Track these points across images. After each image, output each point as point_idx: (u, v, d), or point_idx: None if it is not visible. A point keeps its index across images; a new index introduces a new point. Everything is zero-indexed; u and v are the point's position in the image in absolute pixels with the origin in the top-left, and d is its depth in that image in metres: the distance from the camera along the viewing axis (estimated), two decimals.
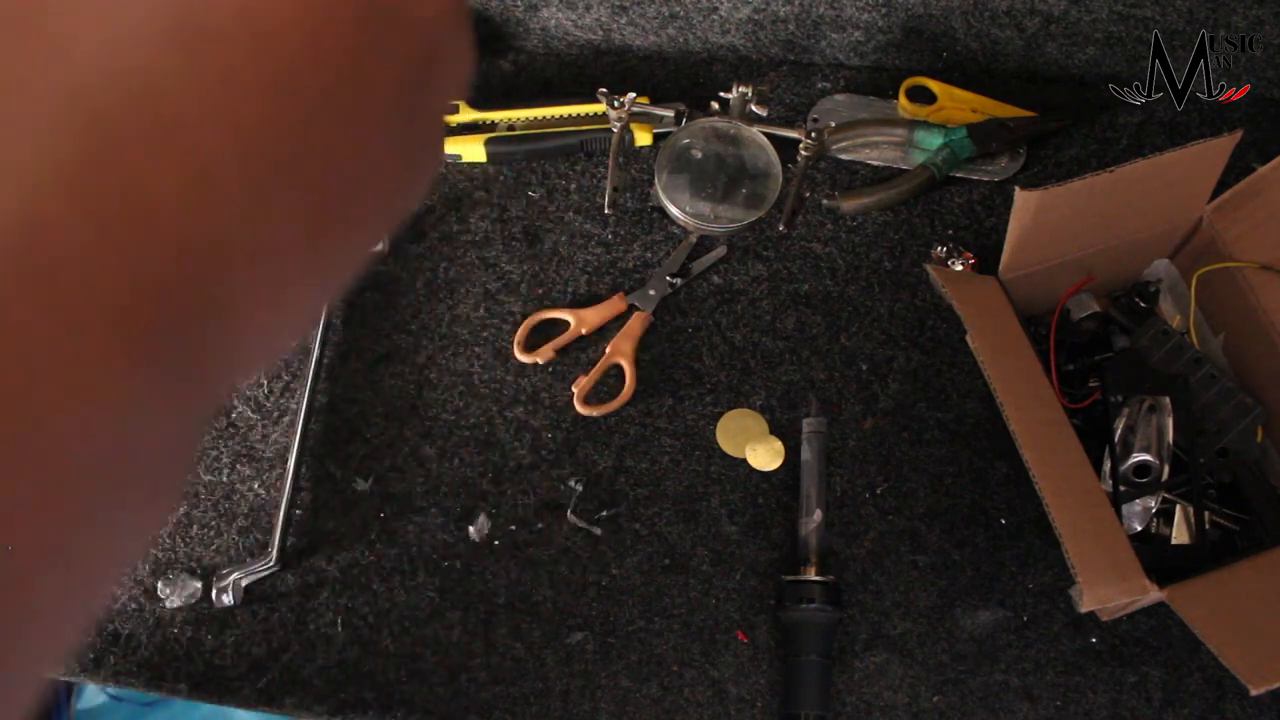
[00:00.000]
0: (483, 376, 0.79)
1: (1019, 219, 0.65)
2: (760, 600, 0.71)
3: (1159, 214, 0.71)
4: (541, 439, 0.77)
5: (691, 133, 0.83)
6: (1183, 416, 0.69)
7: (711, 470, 0.75)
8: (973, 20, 0.84)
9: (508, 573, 0.73)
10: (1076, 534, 0.59)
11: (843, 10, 0.84)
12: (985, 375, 0.66)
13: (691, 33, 0.89)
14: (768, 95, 0.80)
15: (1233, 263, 0.71)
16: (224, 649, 0.71)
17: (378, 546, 0.73)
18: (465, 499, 0.75)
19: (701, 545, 0.73)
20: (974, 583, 0.72)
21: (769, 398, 0.77)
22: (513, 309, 0.81)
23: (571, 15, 0.88)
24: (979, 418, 0.76)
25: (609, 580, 0.72)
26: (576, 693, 0.69)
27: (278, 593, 0.72)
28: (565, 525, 0.74)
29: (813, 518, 0.71)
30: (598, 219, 0.84)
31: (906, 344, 0.79)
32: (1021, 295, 0.73)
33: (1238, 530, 0.70)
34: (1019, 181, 0.81)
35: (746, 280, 0.82)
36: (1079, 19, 0.83)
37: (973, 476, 0.75)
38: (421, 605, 0.72)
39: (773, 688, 0.69)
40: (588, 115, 0.86)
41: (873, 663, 0.70)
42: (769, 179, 0.82)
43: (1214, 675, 0.69)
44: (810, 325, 0.80)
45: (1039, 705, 0.68)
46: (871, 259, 0.82)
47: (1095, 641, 0.70)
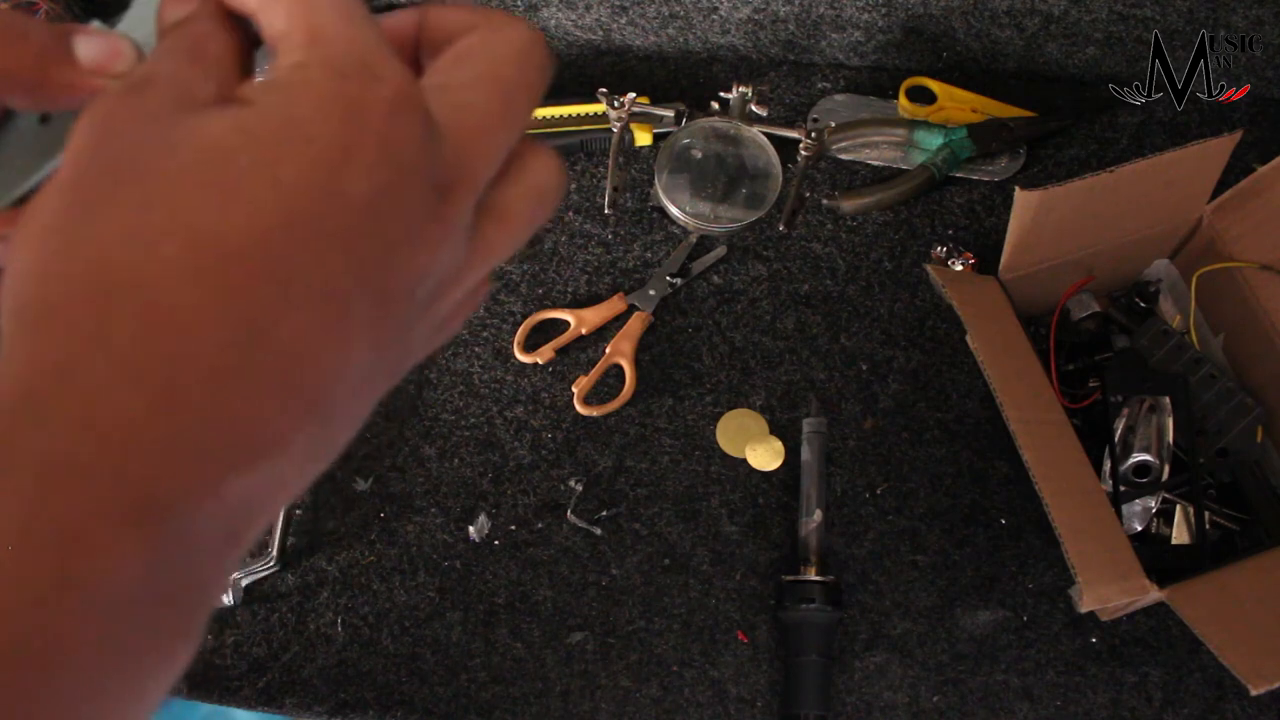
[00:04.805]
0: (483, 376, 0.79)
1: (1019, 219, 0.65)
2: (760, 600, 0.71)
3: (1159, 214, 0.71)
4: (541, 439, 0.77)
5: (691, 133, 0.83)
6: (1183, 416, 0.69)
7: (711, 470, 0.75)
8: (973, 20, 0.84)
9: (508, 573, 0.73)
10: (1076, 534, 0.59)
11: (843, 10, 0.84)
12: (985, 375, 0.66)
13: (691, 33, 0.89)
14: (768, 95, 0.80)
15: (1233, 263, 0.71)
16: (224, 649, 0.71)
17: (378, 546, 0.73)
18: (465, 499, 0.75)
19: (701, 545, 0.73)
20: (974, 583, 0.72)
21: (769, 398, 0.77)
22: (513, 309, 0.81)
23: (571, 15, 0.88)
24: (979, 418, 0.76)
25: (609, 580, 0.72)
26: (576, 693, 0.69)
27: (278, 593, 0.72)
28: (565, 525, 0.74)
29: (813, 518, 0.71)
30: (598, 219, 0.84)
31: (906, 344, 0.79)
32: (1021, 295, 0.73)
33: (1238, 530, 0.70)
34: (1019, 181, 0.81)
35: (746, 280, 0.82)
36: (1079, 19, 0.82)
37: (973, 476, 0.75)
38: (421, 605, 0.72)
39: (773, 688, 0.69)
40: (588, 115, 0.86)
41: (873, 663, 0.70)
42: (769, 179, 0.82)
43: (1214, 675, 0.69)
44: (810, 325, 0.80)
45: (1039, 705, 0.68)
46: (871, 259, 0.82)
47: (1095, 641, 0.70)
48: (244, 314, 0.20)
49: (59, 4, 0.76)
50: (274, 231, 0.20)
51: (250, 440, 0.20)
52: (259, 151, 0.21)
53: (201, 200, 0.20)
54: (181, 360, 0.19)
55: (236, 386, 0.20)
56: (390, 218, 0.22)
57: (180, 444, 0.19)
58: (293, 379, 0.21)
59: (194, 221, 0.20)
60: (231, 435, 0.20)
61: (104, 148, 0.22)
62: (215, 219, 0.20)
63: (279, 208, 0.21)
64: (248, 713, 0.79)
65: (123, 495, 0.19)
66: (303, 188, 0.21)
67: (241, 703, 0.70)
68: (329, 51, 0.23)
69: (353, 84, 0.22)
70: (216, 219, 0.20)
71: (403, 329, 0.24)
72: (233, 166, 0.21)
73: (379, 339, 0.23)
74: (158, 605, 0.20)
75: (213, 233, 0.20)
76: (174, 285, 0.20)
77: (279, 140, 0.21)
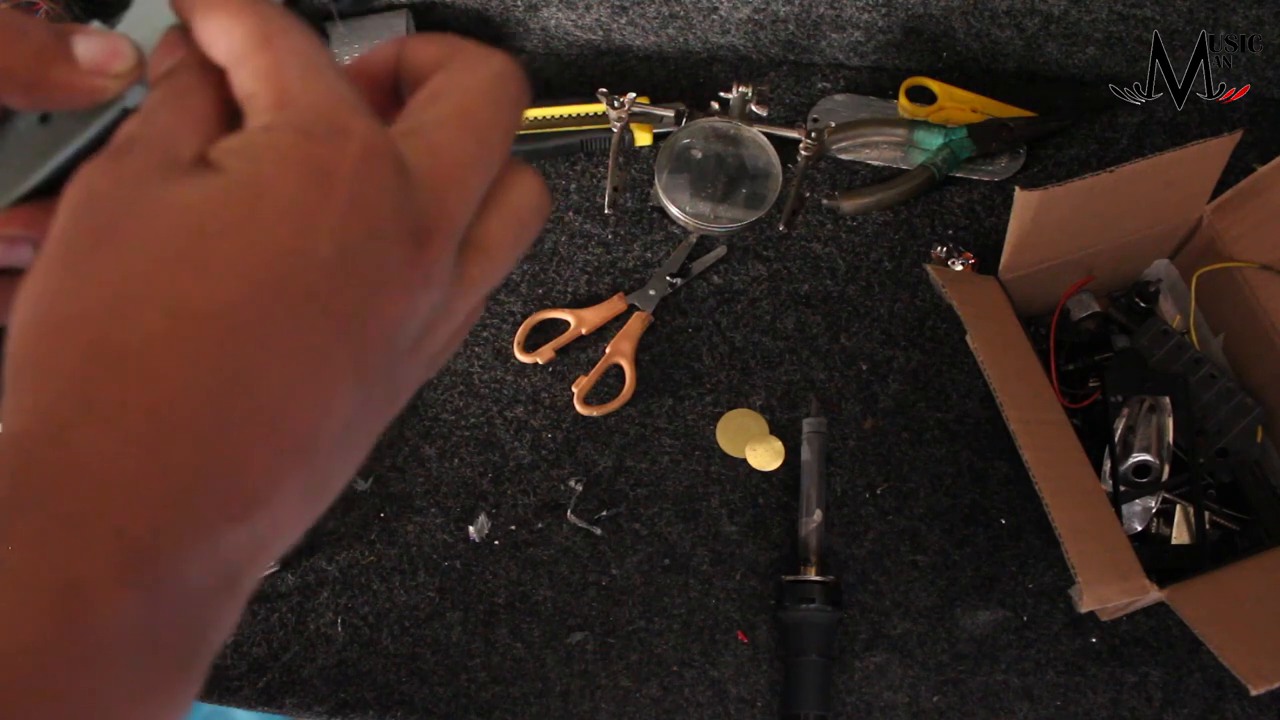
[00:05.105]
0: (483, 376, 0.79)
1: (1019, 219, 0.65)
2: (760, 600, 0.71)
3: (1159, 214, 0.71)
4: (541, 439, 0.77)
5: (691, 133, 0.83)
6: (1183, 416, 0.69)
7: (711, 470, 0.75)
8: (973, 20, 0.84)
9: (508, 573, 0.73)
10: (1076, 534, 0.58)
11: (843, 10, 0.84)
12: (985, 375, 0.66)
13: (691, 33, 0.89)
14: (768, 95, 0.80)
15: (1233, 263, 0.71)
16: (224, 649, 0.71)
17: (378, 546, 0.73)
18: (465, 499, 0.75)
19: (701, 545, 0.73)
20: (974, 583, 0.72)
21: (769, 398, 0.77)
22: (513, 309, 0.81)
23: (571, 15, 0.88)
24: (979, 418, 0.76)
25: (609, 580, 0.72)
26: (576, 693, 0.69)
27: (278, 593, 0.72)
28: (565, 525, 0.74)
29: (813, 518, 0.71)
30: (598, 219, 0.84)
31: (906, 344, 0.79)
32: (1021, 295, 0.73)
33: (1238, 530, 0.70)
34: (1019, 181, 0.81)
35: (746, 280, 0.82)
36: (1079, 19, 0.82)
37: (973, 476, 0.75)
38: (421, 605, 0.72)
39: (773, 688, 0.69)
40: (588, 115, 0.86)
41: (873, 663, 0.70)
42: (769, 179, 0.82)
43: (1214, 675, 0.69)
44: (810, 325, 0.80)
45: (1039, 705, 0.68)
46: (871, 259, 0.82)
47: (1095, 641, 0.70)
48: (223, 372, 0.21)
49: (59, 4, 0.76)
50: (247, 294, 0.21)
51: (240, 490, 0.21)
52: (230, 218, 0.22)
53: (177, 270, 0.21)
54: (166, 419, 0.20)
55: (222, 440, 0.21)
56: (365, 271, 0.23)
57: (171, 497, 0.20)
58: (277, 429, 0.22)
59: (171, 291, 0.21)
60: (221, 486, 0.21)
61: (88, 213, 0.23)
62: (190, 287, 0.21)
63: (251, 273, 0.22)
64: (248, 713, 0.79)
65: (117, 547, 0.20)
66: (273, 251, 0.22)
67: (241, 703, 0.70)
68: (295, 112, 0.23)
69: (319, 144, 0.23)
70: (191, 287, 0.21)
71: (388, 371, 0.24)
72: (206, 235, 0.22)
73: (363, 383, 0.23)
74: (157, 648, 0.20)
75: (189, 300, 0.21)
76: (155, 350, 0.21)
77: (248, 207, 0.22)
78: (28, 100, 0.25)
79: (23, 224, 0.26)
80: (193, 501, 0.20)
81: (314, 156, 0.23)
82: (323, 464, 0.23)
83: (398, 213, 0.23)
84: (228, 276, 0.21)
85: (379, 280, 0.23)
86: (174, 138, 0.24)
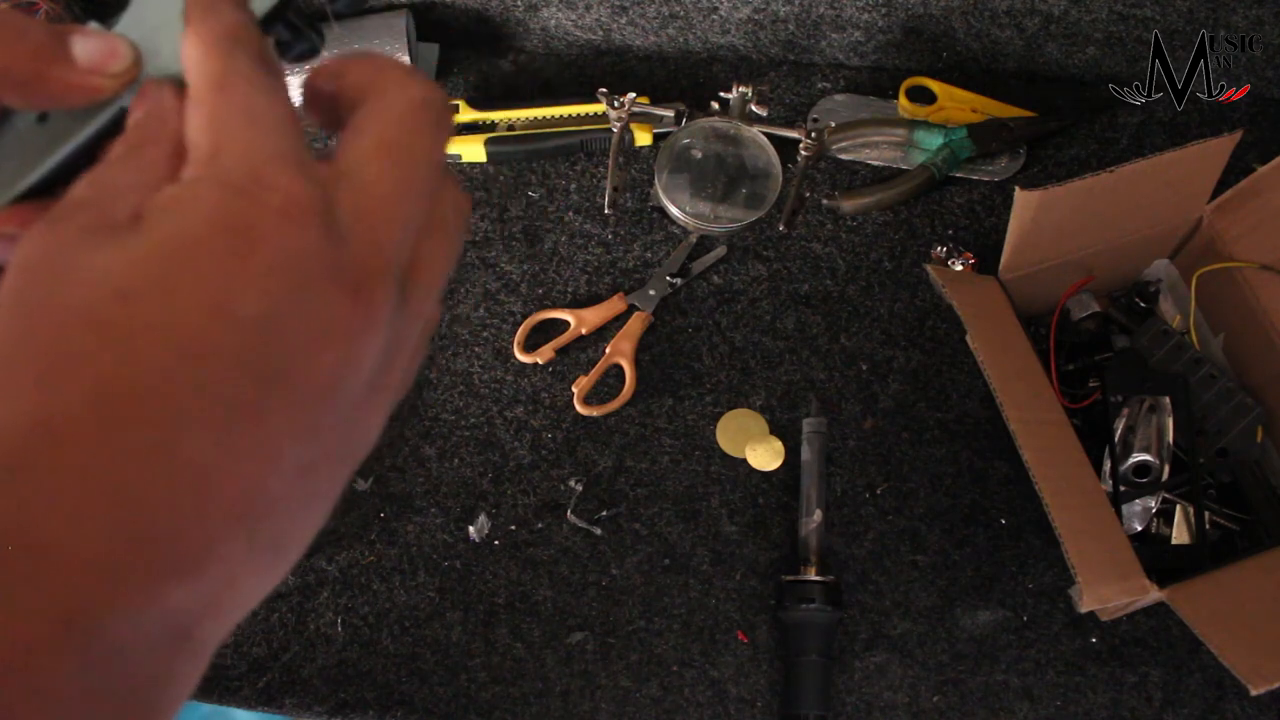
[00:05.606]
0: (483, 376, 0.79)
1: (1019, 219, 0.65)
2: (760, 600, 0.71)
3: (1159, 214, 0.71)
4: (541, 439, 0.77)
5: (691, 133, 0.83)
6: (1183, 416, 0.69)
7: (711, 470, 0.75)
8: (973, 20, 0.84)
9: (508, 573, 0.73)
10: (1076, 534, 0.58)
11: (843, 10, 0.84)
12: (985, 375, 0.66)
13: (691, 33, 0.89)
14: (768, 95, 0.80)
15: (1233, 263, 0.71)
16: (224, 649, 0.71)
17: (378, 546, 0.73)
18: (465, 499, 0.75)
19: (701, 545, 0.73)
20: (974, 583, 0.71)
21: (769, 398, 0.77)
22: (513, 309, 0.81)
23: (571, 15, 0.88)
24: (979, 418, 0.76)
25: (609, 580, 0.72)
26: (576, 693, 0.69)
27: (277, 593, 0.72)
28: (565, 525, 0.74)
29: (813, 518, 0.71)
30: (598, 219, 0.84)
31: (906, 344, 0.79)
32: (1021, 295, 0.73)
33: (1238, 530, 0.70)
34: (1019, 181, 0.81)
35: (746, 280, 0.82)
36: (1079, 19, 0.82)
37: (973, 476, 0.75)
38: (421, 605, 0.72)
39: (773, 688, 0.69)
40: (588, 115, 0.86)
41: (873, 663, 0.70)
42: (769, 179, 0.82)
43: (1214, 675, 0.69)
44: (810, 325, 0.80)
45: (1039, 705, 0.68)
46: (871, 259, 0.82)
47: (1095, 641, 0.70)
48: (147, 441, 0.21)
49: (58, 4, 0.76)
50: (170, 362, 0.21)
51: (175, 552, 0.21)
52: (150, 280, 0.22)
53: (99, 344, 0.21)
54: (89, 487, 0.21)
55: (147, 505, 0.21)
56: (295, 326, 0.23)
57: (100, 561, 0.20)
58: (206, 490, 0.22)
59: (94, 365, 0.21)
60: (154, 550, 0.21)
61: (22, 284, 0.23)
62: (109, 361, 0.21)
63: (172, 337, 0.22)
64: (248, 713, 0.79)
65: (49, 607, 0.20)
66: (194, 316, 0.22)
67: (241, 703, 0.70)
68: (223, 166, 0.23)
69: (242, 200, 0.23)
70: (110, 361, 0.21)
71: (339, 419, 0.24)
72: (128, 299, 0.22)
73: (309, 436, 0.23)
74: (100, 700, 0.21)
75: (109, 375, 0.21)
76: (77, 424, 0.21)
77: (168, 270, 0.22)
78: (26, 99, 0.25)
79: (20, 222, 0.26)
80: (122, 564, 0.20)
81: (235, 213, 0.23)
82: (273, 518, 0.23)
83: (326, 263, 0.23)
84: (149, 343, 0.21)
85: (312, 333, 0.23)
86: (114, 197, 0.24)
